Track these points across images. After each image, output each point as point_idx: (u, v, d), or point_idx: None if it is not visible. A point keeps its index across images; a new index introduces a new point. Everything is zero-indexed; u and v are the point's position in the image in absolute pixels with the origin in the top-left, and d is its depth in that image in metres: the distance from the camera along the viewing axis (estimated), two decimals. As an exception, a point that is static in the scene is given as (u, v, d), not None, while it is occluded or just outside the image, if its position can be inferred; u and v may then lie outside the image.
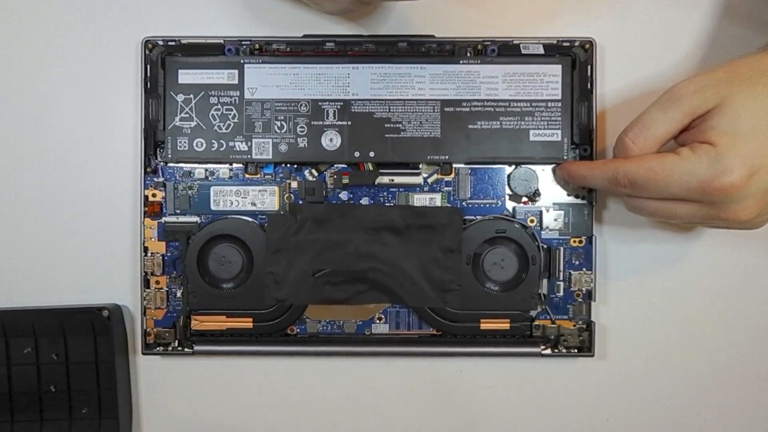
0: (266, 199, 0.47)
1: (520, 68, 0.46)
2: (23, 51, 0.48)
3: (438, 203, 0.47)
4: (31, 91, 0.48)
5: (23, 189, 0.48)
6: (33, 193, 0.48)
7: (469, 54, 0.46)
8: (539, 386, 0.49)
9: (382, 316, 0.48)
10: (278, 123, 0.47)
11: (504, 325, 0.47)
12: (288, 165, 0.47)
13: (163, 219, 0.47)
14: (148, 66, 0.47)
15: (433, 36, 0.46)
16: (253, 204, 0.47)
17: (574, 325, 0.47)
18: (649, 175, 0.38)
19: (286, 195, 0.47)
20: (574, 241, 0.47)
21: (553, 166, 0.47)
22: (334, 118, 0.46)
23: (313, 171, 0.47)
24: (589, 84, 0.46)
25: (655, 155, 0.39)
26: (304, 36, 0.46)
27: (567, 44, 0.46)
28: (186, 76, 0.46)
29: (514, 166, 0.47)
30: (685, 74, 0.47)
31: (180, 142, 0.47)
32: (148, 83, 0.47)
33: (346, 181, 0.47)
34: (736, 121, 0.37)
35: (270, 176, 0.47)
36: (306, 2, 0.43)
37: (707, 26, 0.47)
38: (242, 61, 0.46)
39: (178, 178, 0.47)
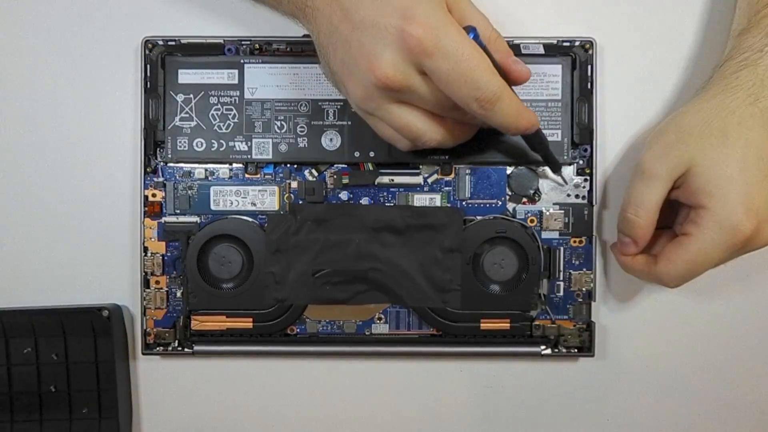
0: (266, 199, 0.47)
1: (520, 68, 0.46)
2: (23, 51, 0.48)
3: (438, 203, 0.47)
4: (31, 91, 0.48)
5: (23, 189, 0.48)
6: (33, 193, 0.48)
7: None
8: (539, 386, 0.49)
9: (382, 316, 0.48)
10: (278, 123, 0.47)
11: (504, 325, 0.47)
12: (288, 165, 0.47)
13: (163, 219, 0.47)
14: (148, 66, 0.47)
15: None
16: (253, 204, 0.47)
17: (574, 325, 0.47)
18: (688, 267, 0.41)
19: (286, 195, 0.47)
20: (574, 241, 0.47)
21: None
22: (334, 118, 0.46)
23: (313, 171, 0.47)
24: (589, 84, 0.46)
25: (676, 251, 0.41)
26: (304, 36, 0.46)
27: (567, 44, 0.46)
28: (186, 76, 0.46)
29: (514, 166, 0.47)
30: (685, 74, 0.47)
31: (180, 142, 0.47)
32: (148, 83, 0.47)
33: (346, 181, 0.47)
34: (713, 180, 0.40)
35: (270, 176, 0.47)
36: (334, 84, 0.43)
37: (707, 26, 0.47)
38: (242, 61, 0.46)
39: (178, 178, 0.47)
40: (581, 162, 0.47)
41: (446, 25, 0.35)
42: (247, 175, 0.47)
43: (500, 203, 0.47)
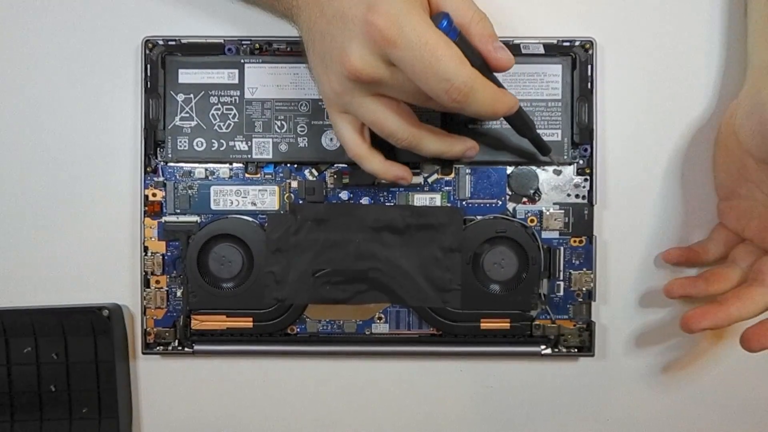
0: (266, 198, 0.47)
1: (520, 68, 0.46)
2: (23, 51, 0.48)
3: (438, 203, 0.47)
4: (32, 91, 0.48)
5: (23, 189, 0.48)
6: (33, 192, 0.48)
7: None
8: (539, 386, 0.49)
9: (382, 316, 0.48)
10: (278, 123, 0.47)
11: (504, 325, 0.47)
12: (288, 165, 0.47)
13: (163, 218, 0.47)
14: (148, 66, 0.47)
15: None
16: (253, 204, 0.47)
17: (574, 325, 0.47)
18: None
19: (286, 195, 0.47)
20: (574, 241, 0.47)
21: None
22: (334, 118, 0.46)
23: (313, 170, 0.47)
24: (589, 84, 0.46)
25: None
26: (304, 36, 0.46)
27: (567, 44, 0.46)
28: (186, 76, 0.47)
29: (514, 166, 0.47)
30: (685, 74, 0.47)
31: (180, 141, 0.47)
32: (148, 83, 0.47)
33: (346, 180, 0.47)
34: None
35: (270, 176, 0.47)
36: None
37: (707, 26, 0.47)
38: (242, 61, 0.46)
39: (178, 177, 0.47)
40: (581, 162, 0.47)
41: (409, 14, 0.34)
42: (247, 175, 0.47)
43: (500, 203, 0.47)
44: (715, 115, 0.47)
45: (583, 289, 0.47)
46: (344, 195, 0.47)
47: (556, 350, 0.47)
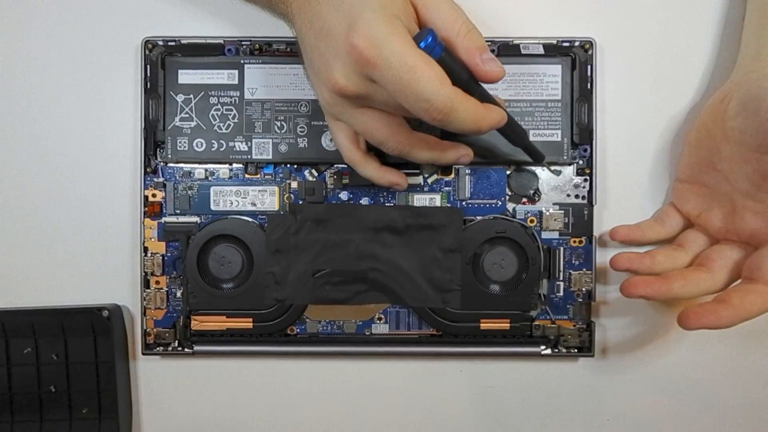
0: (266, 199, 0.47)
1: (520, 68, 0.46)
2: (23, 51, 0.48)
3: (438, 203, 0.47)
4: (32, 91, 0.48)
5: (23, 189, 0.48)
6: (33, 193, 0.48)
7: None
8: (539, 386, 0.49)
9: (382, 316, 0.48)
10: (278, 123, 0.47)
11: (504, 325, 0.47)
12: (288, 165, 0.47)
13: (163, 219, 0.47)
14: (148, 66, 0.47)
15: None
16: (253, 204, 0.47)
17: (574, 325, 0.47)
18: None
19: (286, 195, 0.47)
20: (574, 241, 0.47)
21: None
22: (334, 118, 0.46)
23: (313, 171, 0.47)
24: (589, 84, 0.46)
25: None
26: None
27: (567, 44, 0.46)
28: (186, 76, 0.47)
29: (514, 167, 0.47)
30: (685, 74, 0.47)
31: (180, 142, 0.47)
32: (148, 83, 0.47)
33: (346, 181, 0.47)
34: None
35: (270, 176, 0.47)
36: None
37: (707, 26, 0.47)
38: (242, 61, 0.46)
39: (178, 178, 0.47)
40: (581, 162, 0.47)
41: (389, 35, 0.34)
42: (247, 176, 0.47)
43: (500, 203, 0.47)
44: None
45: (583, 289, 0.47)
46: (344, 195, 0.47)
47: (556, 350, 0.47)
